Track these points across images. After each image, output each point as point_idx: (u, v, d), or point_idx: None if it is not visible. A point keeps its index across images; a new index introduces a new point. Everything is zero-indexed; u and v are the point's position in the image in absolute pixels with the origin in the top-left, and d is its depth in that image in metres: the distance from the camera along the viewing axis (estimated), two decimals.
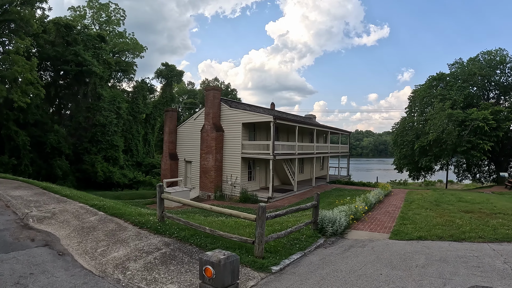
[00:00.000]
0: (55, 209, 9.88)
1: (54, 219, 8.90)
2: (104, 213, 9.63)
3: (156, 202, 24.58)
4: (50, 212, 9.45)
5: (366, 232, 10.23)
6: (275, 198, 22.97)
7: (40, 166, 34.78)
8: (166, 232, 7.88)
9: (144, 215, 9.47)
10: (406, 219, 11.90)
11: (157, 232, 7.96)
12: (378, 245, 8.46)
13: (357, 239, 9.28)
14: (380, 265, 6.81)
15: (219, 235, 7.31)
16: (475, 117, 31.55)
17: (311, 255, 7.54)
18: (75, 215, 9.36)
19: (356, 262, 7.04)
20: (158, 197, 8.59)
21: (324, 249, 8.11)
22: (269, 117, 22.88)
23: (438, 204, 15.83)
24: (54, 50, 36.79)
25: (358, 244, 8.65)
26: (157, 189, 8.64)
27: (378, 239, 9.18)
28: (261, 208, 6.71)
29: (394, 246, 8.38)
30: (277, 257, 6.98)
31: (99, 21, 50.01)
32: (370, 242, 8.79)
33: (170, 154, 31.23)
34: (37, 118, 35.47)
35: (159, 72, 56.02)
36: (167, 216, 8.64)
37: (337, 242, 8.82)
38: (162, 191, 8.63)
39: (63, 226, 8.31)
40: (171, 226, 8.32)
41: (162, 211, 8.71)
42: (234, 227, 9.33)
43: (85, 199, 11.54)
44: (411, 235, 9.31)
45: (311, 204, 9.33)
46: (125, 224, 8.58)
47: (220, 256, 4.09)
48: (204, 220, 10.20)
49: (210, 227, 7.76)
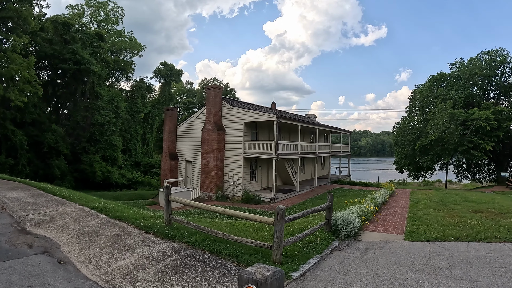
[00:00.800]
0: (54, 212, 9.25)
1: (53, 222, 8.29)
2: (106, 216, 9.02)
3: (159, 203, 23.93)
4: (49, 215, 8.83)
5: (379, 233, 9.86)
6: (278, 199, 22.43)
7: (37, 166, 34.06)
8: (175, 237, 7.30)
9: (149, 218, 8.86)
10: (416, 219, 11.57)
11: (165, 237, 7.37)
12: (395, 247, 8.09)
13: (372, 241, 8.89)
14: (403, 268, 6.46)
15: (233, 239, 6.76)
16: (477, 116, 31.26)
17: (329, 259, 7.10)
18: (75, 218, 8.74)
19: (377, 265, 6.66)
20: (165, 199, 8.00)
21: (340, 252, 7.69)
22: (272, 116, 22.31)
23: (444, 204, 15.50)
24: (51, 48, 36.05)
25: (374, 246, 8.26)
26: (164, 190, 8.04)
27: (394, 241, 8.82)
28: (280, 211, 6.21)
29: (412, 247, 8.02)
30: (295, 262, 6.51)
31: (98, 20, 49.22)
32: (386, 244, 8.42)
33: (170, 153, 30.59)
34: (35, 117, 34.75)
35: (158, 71, 55.27)
36: (174, 220, 8.03)
37: (352, 245, 8.43)
38: (169, 193, 8.05)
39: (63, 231, 7.69)
40: (179, 230, 7.72)
41: (170, 214, 8.10)
42: (245, 230, 8.80)
43: (85, 201, 10.92)
44: (427, 236, 8.98)
45: (325, 205, 8.86)
46: (130, 228, 7.98)
47: (265, 273, 3.40)
48: (212, 222, 9.63)
49: (220, 230, 7.22)
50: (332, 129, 34.34)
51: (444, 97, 36.08)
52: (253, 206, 20.73)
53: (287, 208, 20.02)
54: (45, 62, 38.95)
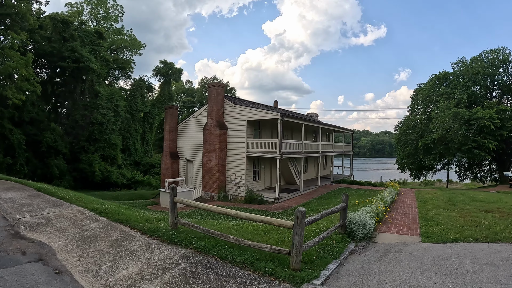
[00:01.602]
0: (50, 214, 8.57)
1: (49, 226, 7.62)
2: (106, 218, 8.35)
3: (160, 203, 23.21)
4: (45, 218, 8.16)
5: (394, 235, 9.41)
6: (282, 199, 21.79)
7: (35, 165, 33.33)
8: (182, 242, 6.67)
9: (153, 221, 8.21)
10: (429, 220, 11.19)
11: (171, 242, 6.73)
12: (415, 250, 7.68)
13: (388, 243, 8.43)
14: (428, 272, 6.06)
15: (246, 245, 6.15)
16: (481, 115, 30.75)
17: (348, 264, 6.62)
18: (73, 221, 8.06)
19: (400, 270, 6.23)
20: (171, 201, 7.35)
21: (358, 256, 7.22)
22: (276, 114, 21.65)
23: (453, 203, 15.19)
24: (50, 46, 35.32)
25: (393, 248, 7.82)
26: (169, 191, 7.39)
27: (412, 243, 8.38)
28: (300, 213, 5.61)
29: (433, 250, 7.64)
30: (315, 268, 5.97)
31: (97, 18, 48.44)
32: (405, 246, 7.99)
33: (171, 153, 29.90)
34: (33, 116, 34.03)
35: (158, 70, 54.53)
36: (181, 223, 7.37)
37: (369, 247, 7.96)
38: (175, 194, 7.40)
39: (60, 235, 7.02)
40: (187, 234, 7.07)
41: (176, 216, 7.45)
42: (255, 233, 8.17)
43: (84, 202, 10.26)
44: (444, 238, 8.61)
45: (340, 206, 8.35)
46: (132, 232, 7.32)
47: None
48: (219, 225, 8.96)
49: (229, 234, 6.59)
50: (335, 128, 33.69)
51: (447, 96, 35.55)
52: (257, 206, 20.09)
53: (291, 208, 19.44)
54: (43, 61, 38.21)
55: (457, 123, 31.08)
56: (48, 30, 36.63)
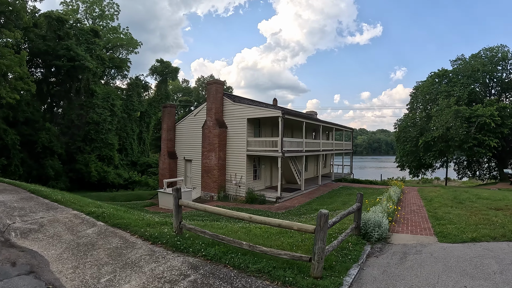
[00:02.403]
0: (44, 219, 7.89)
1: (42, 232, 6.95)
2: (104, 223, 7.68)
3: (159, 204, 22.41)
4: (38, 223, 7.49)
5: (408, 235, 8.94)
6: (284, 198, 21.20)
7: (31, 166, 32.50)
8: (189, 250, 6.03)
9: (154, 226, 7.56)
10: (440, 218, 10.79)
11: (177, 249, 6.08)
12: (434, 251, 7.27)
13: (405, 244, 7.99)
14: (455, 275, 5.77)
15: (261, 251, 5.55)
16: (481, 113, 30.39)
17: (368, 268, 6.18)
18: (68, 226, 7.40)
19: (426, 273, 5.86)
20: (175, 204, 6.71)
21: (376, 259, 6.79)
22: (278, 112, 21.01)
23: (460, 202, 14.75)
24: (45, 44, 34.45)
25: (411, 250, 7.40)
26: (173, 193, 6.74)
27: (429, 243, 7.97)
28: (324, 216, 5.04)
29: (453, 250, 7.27)
30: (336, 274, 5.44)
31: (92, 16, 47.50)
32: (423, 247, 7.57)
33: (169, 152, 29.19)
34: (28, 115, 33.18)
35: (154, 68, 53.69)
36: (186, 228, 6.72)
37: (386, 249, 7.52)
38: (179, 196, 6.76)
39: (54, 243, 6.36)
40: (193, 240, 6.42)
41: (180, 221, 6.80)
42: (265, 236, 7.57)
43: (80, 205, 9.58)
44: (462, 237, 8.22)
45: (356, 206, 7.82)
46: (133, 239, 6.67)
47: None
48: (226, 228, 8.30)
49: (237, 238, 6.00)
50: (335, 126, 33.06)
51: (447, 93, 35.17)
52: (259, 207, 19.48)
53: (294, 208, 18.86)
54: (38, 60, 37.35)
55: (458, 121, 30.69)
56: (43, 29, 35.75)
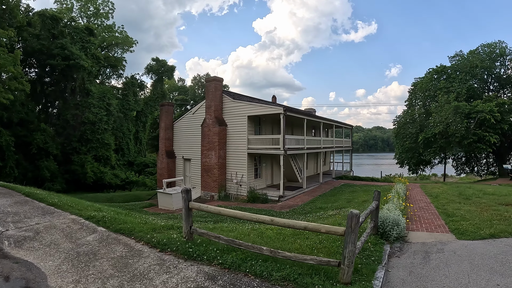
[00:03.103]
0: (40, 225, 7.24)
1: (38, 240, 6.31)
2: (105, 229, 7.04)
3: (159, 205, 21.62)
4: (33, 230, 6.84)
5: (424, 232, 8.60)
6: (286, 197, 20.64)
7: (26, 168, 31.63)
8: (202, 257, 5.42)
9: (160, 230, 6.94)
10: (451, 215, 10.45)
11: (189, 257, 5.47)
12: (456, 248, 7.00)
13: (423, 242, 7.67)
14: (484, 273, 5.55)
15: (284, 257, 5.00)
16: (481, 109, 30.12)
17: (393, 269, 5.90)
18: (66, 233, 6.74)
19: (454, 273, 5.64)
20: (185, 207, 6.09)
21: (398, 259, 6.49)
22: (279, 109, 20.40)
23: (467, 198, 14.40)
24: (39, 43, 33.55)
25: (432, 249, 7.10)
26: (182, 195, 6.14)
27: (448, 241, 7.66)
28: (355, 217, 4.53)
29: (475, 247, 7.01)
30: (364, 278, 5.05)
31: (87, 14, 46.50)
32: (443, 245, 7.28)
33: (167, 151, 28.48)
34: (22, 116, 32.30)
35: (150, 67, 52.84)
36: (198, 233, 6.08)
37: (405, 248, 7.22)
38: (189, 198, 6.15)
39: (51, 253, 5.72)
40: (206, 247, 5.82)
41: (191, 225, 6.18)
42: (280, 239, 7.02)
43: (78, 208, 8.92)
44: (480, 234, 7.95)
45: (375, 204, 7.37)
46: (138, 246, 6.05)
47: None
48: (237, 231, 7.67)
49: (249, 241, 5.42)
50: (335, 123, 32.50)
51: (446, 89, 34.81)
52: (261, 206, 18.89)
53: (298, 206, 18.30)
54: (32, 60, 36.44)
55: (458, 117, 30.37)
56: (37, 28, 34.81)
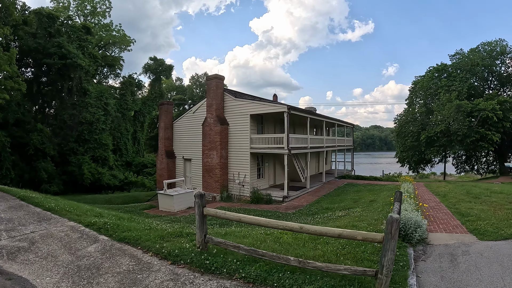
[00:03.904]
0: (35, 233, 6.53)
1: (33, 252, 5.61)
2: (108, 237, 6.35)
3: (159, 207, 20.79)
4: (28, 240, 6.14)
5: (443, 234, 8.15)
6: (291, 197, 19.97)
7: (23, 169, 30.74)
8: (222, 270, 4.77)
9: (169, 238, 6.25)
10: (465, 215, 10.06)
11: (206, 270, 4.81)
12: (481, 250, 6.63)
13: (446, 244, 7.22)
14: None
15: (314, 267, 4.41)
16: (483, 107, 29.68)
17: (423, 275, 5.47)
18: (64, 243, 6.04)
19: (487, 276, 5.28)
20: (199, 213, 5.43)
21: (425, 263, 6.05)
22: (283, 107, 19.71)
23: (476, 196, 13.97)
24: (35, 42, 32.64)
25: (456, 251, 6.69)
26: (195, 200, 5.48)
27: (471, 242, 7.26)
28: (395, 222, 3.95)
29: (500, 249, 6.63)
30: (399, 286, 4.65)
31: (84, 13, 45.51)
32: (467, 247, 6.88)
33: (167, 151, 27.72)
34: (18, 116, 31.36)
35: (147, 66, 51.89)
36: (214, 242, 5.41)
37: (429, 251, 6.77)
38: (204, 204, 5.50)
39: (48, 266, 5.03)
40: (224, 257, 5.15)
41: (205, 233, 5.52)
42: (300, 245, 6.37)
43: (77, 214, 8.21)
44: (501, 234, 7.59)
45: (398, 206, 6.71)
46: (147, 258, 5.36)
47: None
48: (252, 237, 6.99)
49: (272, 251, 4.76)
50: (337, 122, 31.80)
51: (448, 88, 34.34)
52: (265, 207, 18.22)
53: (303, 207, 17.66)
54: (29, 59, 35.50)
55: (460, 115, 29.94)
56: (33, 26, 33.88)
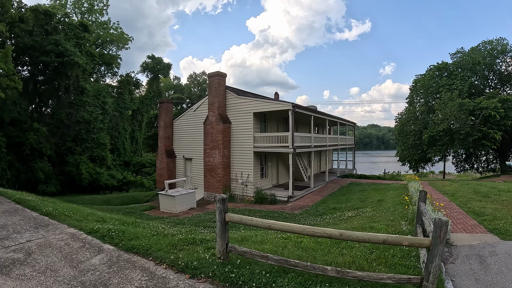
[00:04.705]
0: (32, 242, 5.79)
1: (30, 265, 4.89)
2: (113, 246, 5.62)
3: (160, 208, 19.95)
4: (24, 250, 5.41)
5: (464, 234, 7.90)
6: (295, 197, 19.30)
7: (19, 169, 29.80)
8: (251, 284, 4.10)
9: (182, 246, 5.52)
10: (480, 214, 9.88)
11: (232, 284, 4.14)
12: (508, 250, 6.40)
13: (470, 245, 6.96)
14: None
15: (355, 277, 3.87)
16: (485, 105, 29.30)
17: (457, 278, 5.13)
18: (64, 254, 5.31)
19: None
20: (220, 220, 4.72)
21: (454, 265, 5.75)
22: (288, 105, 19.01)
23: (485, 195, 13.63)
24: (32, 39, 31.68)
25: (482, 252, 6.43)
26: (217, 206, 4.75)
27: (494, 242, 7.03)
28: (444, 225, 3.53)
29: None
30: None
31: (81, 11, 44.52)
32: (492, 247, 6.65)
33: (167, 151, 26.94)
34: (14, 115, 30.41)
35: (145, 65, 50.96)
36: (237, 252, 4.72)
37: (455, 253, 6.49)
38: (226, 209, 4.77)
39: (47, 283, 4.30)
40: (251, 269, 4.46)
41: (227, 242, 4.83)
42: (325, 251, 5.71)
43: (77, 219, 7.45)
44: None
45: (424, 206, 6.49)
46: (160, 271, 4.64)
47: None
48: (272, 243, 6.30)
49: (294, 258, 4.11)
50: (339, 120, 31.08)
51: (449, 86, 33.89)
52: (270, 207, 17.53)
53: (309, 207, 17.00)
54: (25, 58, 34.53)
55: (463, 114, 29.50)
56: (30, 23, 32.91)
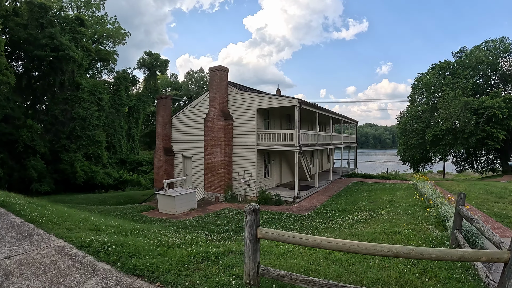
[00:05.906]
0: (11, 259, 4.58)
1: None
2: (110, 266, 4.44)
3: (159, 209, 18.68)
4: (1, 270, 4.30)
5: None
6: (301, 197, 18.19)
7: (12, 167, 28.45)
8: None
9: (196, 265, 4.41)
10: (503, 216, 9.65)
11: None
12: None
13: None
14: None
15: None
16: (489, 105, 28.56)
17: None
18: (49, 276, 4.12)
19: None
20: (251, 237, 3.62)
21: (498, 274, 4.87)
22: (294, 101, 17.86)
23: (499, 196, 13.20)
24: (26, 33, 30.28)
25: None
26: (247, 219, 3.68)
27: None
28: None
29: None
30: None
31: (77, 5, 43.03)
32: None
33: (165, 148, 25.68)
34: (7, 112, 29.02)
35: (142, 61, 49.57)
36: (272, 276, 3.62)
37: None
38: (258, 224, 3.70)
39: None
40: None
41: (258, 264, 3.72)
42: (364, 265, 4.59)
43: (67, 227, 6.27)
44: None
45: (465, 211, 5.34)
46: None
47: None
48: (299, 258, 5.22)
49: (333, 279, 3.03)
50: (343, 118, 29.86)
51: (452, 85, 33.02)
52: (275, 208, 16.42)
53: (317, 208, 15.92)
54: (20, 53, 33.17)
55: (468, 113, 28.68)
56: (24, 17, 31.50)
